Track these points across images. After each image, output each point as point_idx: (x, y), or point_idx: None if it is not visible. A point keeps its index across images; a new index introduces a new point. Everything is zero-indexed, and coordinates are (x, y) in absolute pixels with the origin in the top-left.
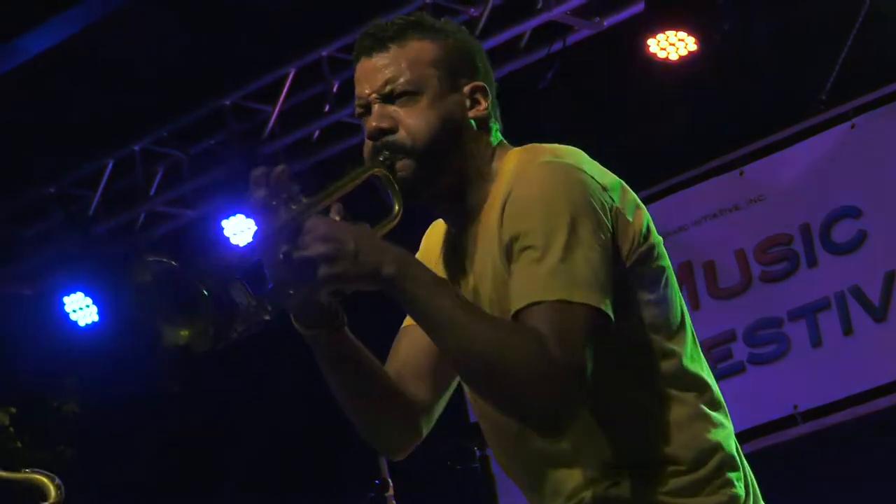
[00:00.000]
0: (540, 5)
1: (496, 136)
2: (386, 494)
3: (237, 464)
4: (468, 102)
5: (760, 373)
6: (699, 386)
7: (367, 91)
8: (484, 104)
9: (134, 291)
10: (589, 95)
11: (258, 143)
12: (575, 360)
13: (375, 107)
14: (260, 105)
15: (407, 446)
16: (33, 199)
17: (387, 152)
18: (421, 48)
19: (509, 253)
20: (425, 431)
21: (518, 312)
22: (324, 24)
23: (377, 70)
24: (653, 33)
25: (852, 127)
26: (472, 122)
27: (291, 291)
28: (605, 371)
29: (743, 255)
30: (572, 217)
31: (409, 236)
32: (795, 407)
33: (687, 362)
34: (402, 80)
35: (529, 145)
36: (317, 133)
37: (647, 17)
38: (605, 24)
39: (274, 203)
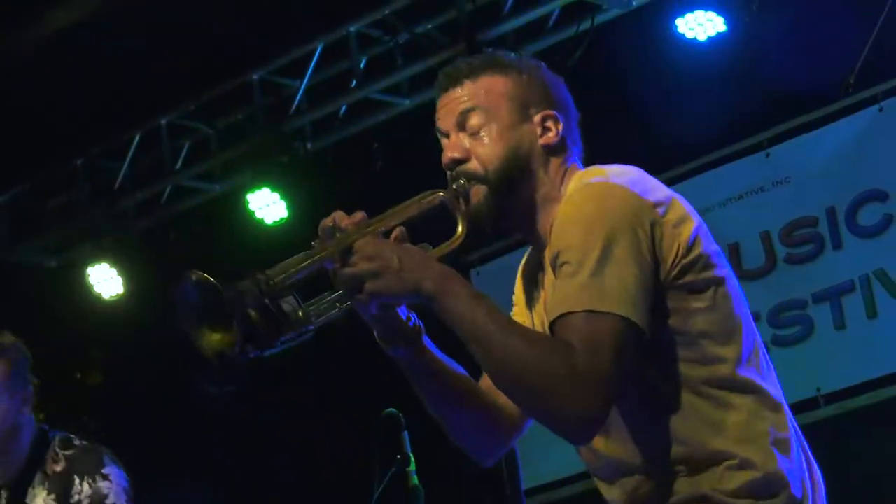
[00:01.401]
0: None
1: (570, 160)
2: (407, 469)
3: (260, 434)
4: (539, 130)
5: (783, 355)
6: (754, 390)
7: (445, 122)
8: (554, 131)
9: (178, 306)
10: (617, 75)
11: (284, 118)
12: (600, 367)
13: (451, 136)
14: (287, 80)
15: (495, 453)
16: (60, 171)
17: (461, 181)
18: (493, 82)
19: (554, 269)
20: (513, 440)
21: (551, 325)
22: (351, 0)
23: (451, 103)
24: (681, 13)
25: (880, 110)
26: (543, 148)
27: (338, 304)
28: (658, 376)
29: (768, 236)
30: (607, 234)
31: None
32: (818, 389)
33: (741, 367)
34: (473, 111)
35: (592, 167)
36: (343, 108)
37: None
38: (633, 3)
39: (334, 229)
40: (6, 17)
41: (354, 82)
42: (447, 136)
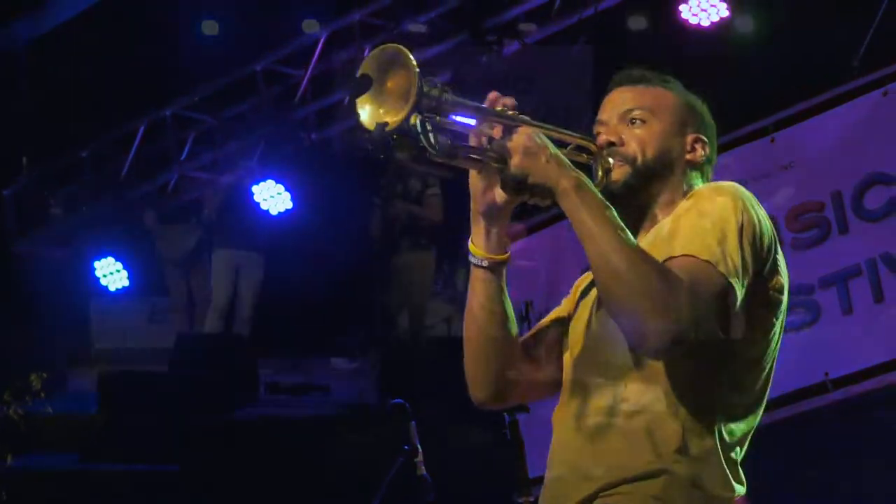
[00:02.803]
0: None
1: (702, 180)
2: (415, 460)
3: (268, 423)
4: (688, 147)
5: (791, 340)
6: (756, 412)
7: (608, 114)
8: (700, 153)
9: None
10: (620, 61)
11: (289, 108)
12: (696, 307)
13: (611, 125)
14: (291, 70)
15: (495, 399)
16: (66, 163)
17: (611, 159)
18: (663, 94)
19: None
20: (510, 401)
21: (671, 257)
22: None
23: (623, 98)
24: None
25: (884, 94)
26: (687, 164)
27: (473, 156)
28: (708, 363)
29: (774, 222)
30: (740, 220)
31: None
32: (826, 374)
33: (761, 387)
34: (640, 109)
35: None
36: (348, 97)
37: None
38: None
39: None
40: (9, 10)
41: (359, 71)
42: (606, 124)
